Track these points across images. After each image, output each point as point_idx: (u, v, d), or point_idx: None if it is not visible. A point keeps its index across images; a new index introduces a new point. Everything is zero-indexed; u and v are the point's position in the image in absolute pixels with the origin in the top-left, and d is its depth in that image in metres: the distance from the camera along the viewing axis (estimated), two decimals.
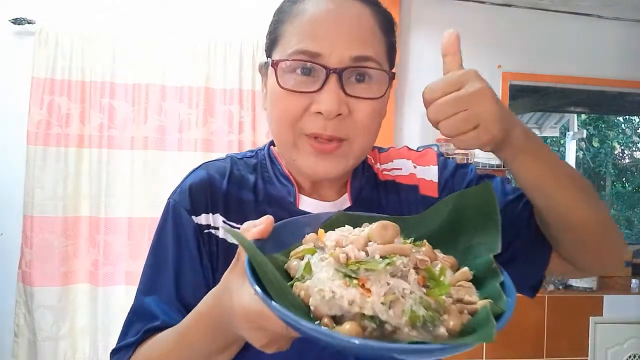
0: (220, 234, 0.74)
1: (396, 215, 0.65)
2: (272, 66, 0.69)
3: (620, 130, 8.50)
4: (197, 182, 0.78)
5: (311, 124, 0.67)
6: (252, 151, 0.83)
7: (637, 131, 8.54)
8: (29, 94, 2.58)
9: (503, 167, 2.83)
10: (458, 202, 0.65)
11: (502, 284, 0.53)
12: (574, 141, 5.66)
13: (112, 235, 2.67)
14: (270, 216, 0.57)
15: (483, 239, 0.60)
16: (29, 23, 2.61)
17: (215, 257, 0.74)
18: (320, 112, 0.66)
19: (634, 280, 2.69)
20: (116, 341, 0.74)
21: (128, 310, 0.78)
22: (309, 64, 0.66)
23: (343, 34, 0.67)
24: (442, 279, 0.51)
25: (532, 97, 4.51)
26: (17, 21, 2.61)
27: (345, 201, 0.78)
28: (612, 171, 8.52)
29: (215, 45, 2.75)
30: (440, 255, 0.56)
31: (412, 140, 2.97)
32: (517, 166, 0.66)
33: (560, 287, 2.54)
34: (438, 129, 0.60)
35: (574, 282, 2.55)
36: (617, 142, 8.48)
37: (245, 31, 2.77)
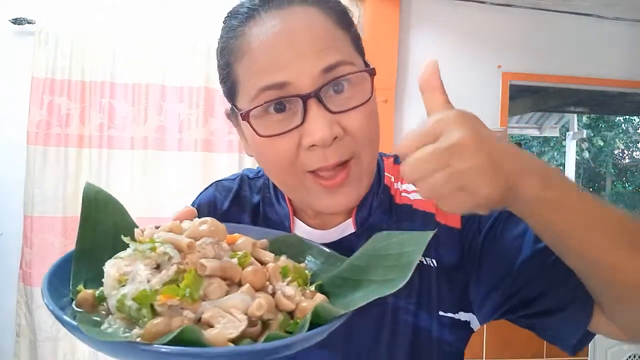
0: None
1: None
2: (243, 119, 0.61)
3: (621, 131, 8.49)
4: (204, 202, 0.77)
5: (310, 159, 0.60)
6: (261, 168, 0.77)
7: (638, 131, 8.53)
8: (29, 94, 2.58)
9: None
10: (387, 244, 0.58)
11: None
12: (574, 141, 5.66)
13: None
14: (190, 207, 0.58)
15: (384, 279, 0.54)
16: (29, 23, 2.61)
17: None
18: (314, 145, 0.58)
19: None
20: None
21: None
22: (281, 100, 0.58)
23: (302, 50, 0.58)
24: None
25: (532, 97, 4.52)
26: (17, 21, 2.61)
27: (348, 227, 0.70)
28: (612, 171, 8.52)
29: (215, 45, 2.74)
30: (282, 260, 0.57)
31: None
32: (535, 224, 0.52)
33: None
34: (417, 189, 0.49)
35: None
36: (618, 140, 8.48)
37: None
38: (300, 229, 0.71)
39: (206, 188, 0.79)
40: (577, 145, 5.92)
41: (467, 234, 0.68)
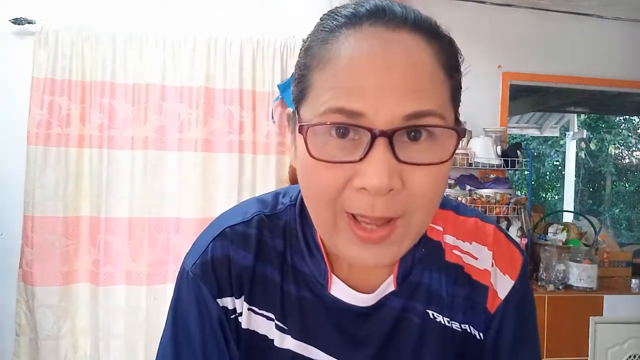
0: (244, 322, 0.63)
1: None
2: (300, 132, 0.52)
3: (621, 131, 8.49)
4: (218, 258, 0.63)
5: (355, 201, 0.51)
6: (281, 202, 0.67)
7: (638, 131, 8.53)
8: (29, 94, 2.58)
9: (503, 167, 2.83)
10: None
11: None
12: (574, 141, 5.66)
13: (112, 235, 2.67)
14: None
15: None
16: (29, 23, 2.61)
17: (241, 351, 0.64)
18: (365, 189, 0.49)
19: (634, 280, 2.69)
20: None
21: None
22: (347, 125, 0.50)
23: (393, 84, 0.49)
24: None
25: (532, 97, 4.52)
26: (17, 21, 2.61)
27: (389, 286, 0.63)
28: (612, 171, 8.52)
29: (215, 45, 2.75)
30: None
31: None
32: None
33: (560, 287, 2.54)
34: None
35: (574, 282, 2.56)
36: (618, 139, 8.47)
37: (245, 31, 2.77)
38: (339, 288, 0.62)
39: (213, 236, 0.64)
40: (577, 145, 5.92)
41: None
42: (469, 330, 0.64)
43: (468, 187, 2.87)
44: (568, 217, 4.48)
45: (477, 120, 2.96)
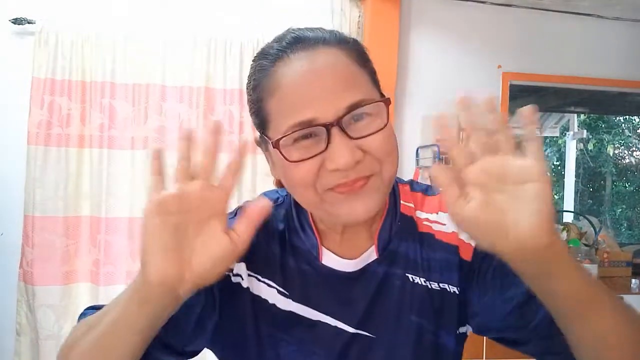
0: (245, 283, 0.74)
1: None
2: (274, 147, 0.66)
3: (621, 131, 8.50)
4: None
5: (331, 179, 0.65)
6: (280, 195, 0.80)
7: (638, 131, 8.54)
8: (29, 94, 2.58)
9: None
10: None
11: None
12: (574, 141, 5.66)
13: (112, 235, 2.67)
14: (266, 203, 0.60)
15: None
16: (29, 23, 2.61)
17: (241, 309, 0.74)
18: (337, 169, 0.63)
19: (634, 280, 2.69)
20: None
21: None
22: (307, 130, 0.64)
23: (329, 91, 0.64)
24: None
25: (532, 97, 4.51)
26: (17, 21, 2.61)
27: (371, 254, 0.75)
28: (612, 171, 8.52)
29: (215, 45, 2.75)
30: None
31: (412, 140, 2.97)
32: (556, 284, 0.55)
33: None
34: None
35: None
36: (618, 139, 8.47)
37: (245, 31, 2.77)
38: (329, 257, 0.74)
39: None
40: (576, 145, 5.92)
41: (474, 266, 0.74)
42: (445, 287, 0.74)
43: None
44: (568, 217, 4.49)
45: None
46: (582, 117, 7.11)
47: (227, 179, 0.59)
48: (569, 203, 5.58)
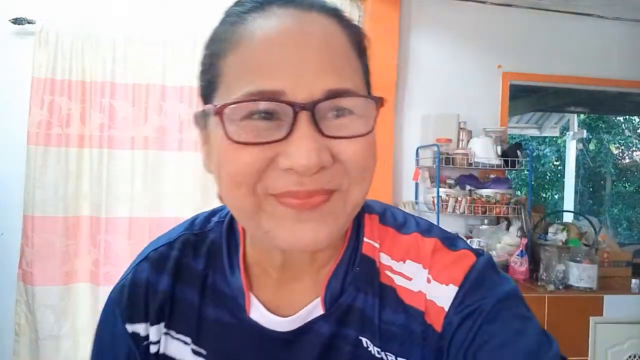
0: (161, 348, 0.59)
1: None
2: (215, 114, 0.47)
3: (621, 131, 8.50)
4: (138, 281, 0.60)
5: (281, 182, 0.46)
6: (213, 219, 0.63)
7: (638, 131, 8.54)
8: (29, 94, 2.59)
9: (503, 167, 2.83)
10: None
11: None
12: (574, 141, 5.66)
13: (112, 235, 2.67)
14: None
15: None
16: (29, 23, 2.61)
17: None
18: (291, 169, 0.45)
19: (634, 280, 2.69)
20: None
21: None
22: (268, 105, 0.45)
23: (310, 57, 0.46)
24: None
25: (532, 97, 4.52)
26: (17, 21, 2.61)
27: (316, 308, 0.56)
28: (612, 171, 8.51)
29: None
30: None
31: (412, 140, 2.97)
32: None
33: (560, 287, 2.54)
34: None
35: (574, 282, 2.55)
36: (618, 139, 8.47)
37: None
38: (258, 312, 0.56)
39: (138, 262, 0.62)
40: (576, 145, 5.93)
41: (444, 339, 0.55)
42: None
43: (468, 187, 2.87)
44: (568, 217, 4.48)
45: (477, 121, 2.96)
46: (582, 117, 7.11)
47: None
48: (569, 203, 5.58)
